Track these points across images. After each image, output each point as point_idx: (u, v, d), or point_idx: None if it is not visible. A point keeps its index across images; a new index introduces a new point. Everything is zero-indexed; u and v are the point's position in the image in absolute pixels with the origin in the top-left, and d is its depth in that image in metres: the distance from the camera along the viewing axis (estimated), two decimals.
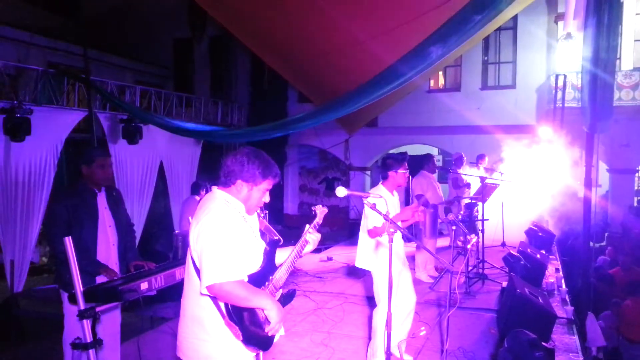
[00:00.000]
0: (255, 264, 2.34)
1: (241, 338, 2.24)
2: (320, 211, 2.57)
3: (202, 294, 2.23)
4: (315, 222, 2.54)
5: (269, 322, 2.31)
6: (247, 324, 2.25)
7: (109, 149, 9.66)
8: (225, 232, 2.21)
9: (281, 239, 2.53)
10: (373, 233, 3.92)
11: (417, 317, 5.29)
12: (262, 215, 2.62)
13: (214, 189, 2.39)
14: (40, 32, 12.89)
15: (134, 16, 16.23)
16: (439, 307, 5.70)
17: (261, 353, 2.47)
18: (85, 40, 10.25)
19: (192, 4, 14.06)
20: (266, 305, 2.26)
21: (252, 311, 2.28)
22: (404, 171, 4.14)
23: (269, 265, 2.40)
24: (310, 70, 8.85)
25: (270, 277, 2.40)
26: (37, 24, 13.28)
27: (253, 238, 2.38)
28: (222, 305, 2.23)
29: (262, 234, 2.50)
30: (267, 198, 2.41)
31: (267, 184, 2.36)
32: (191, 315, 2.32)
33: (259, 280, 2.33)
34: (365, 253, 4.18)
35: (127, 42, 16.09)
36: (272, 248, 2.44)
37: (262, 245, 2.41)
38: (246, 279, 2.28)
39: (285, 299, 2.49)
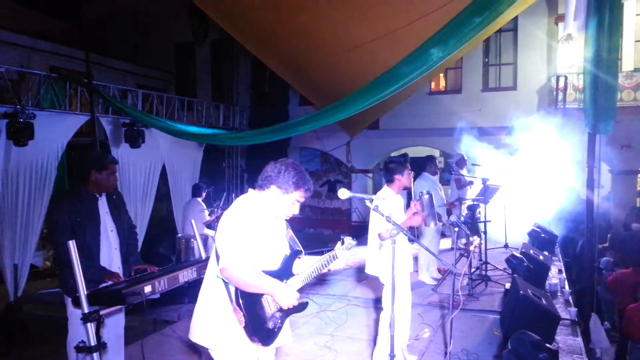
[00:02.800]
0: (272, 264, 2.46)
1: (243, 324, 2.35)
2: (348, 242, 2.50)
3: (218, 277, 2.39)
4: (347, 243, 2.50)
5: (275, 318, 2.44)
6: (252, 312, 2.37)
7: (112, 153, 9.69)
8: (246, 224, 2.37)
9: (303, 251, 2.62)
10: (386, 235, 3.95)
11: (420, 319, 5.30)
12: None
13: (250, 190, 2.57)
14: (42, 37, 12.95)
15: (136, 21, 16.29)
16: (442, 309, 5.70)
17: (262, 349, 2.50)
18: (88, 45, 10.27)
19: (193, 9, 14.11)
20: (274, 290, 2.38)
21: (260, 303, 2.40)
22: (408, 172, 4.27)
23: (285, 270, 2.50)
24: (311, 73, 8.86)
25: (285, 281, 2.48)
26: (39, 29, 13.35)
27: (275, 239, 2.51)
28: (232, 290, 2.37)
29: (286, 243, 2.61)
30: (296, 210, 2.52)
31: (298, 195, 2.49)
32: (204, 299, 2.48)
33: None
34: (374, 259, 4.21)
35: (129, 47, 16.15)
36: (291, 255, 2.54)
37: (283, 249, 2.52)
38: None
39: (296, 308, 2.50)
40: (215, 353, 2.48)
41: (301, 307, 2.52)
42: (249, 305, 2.36)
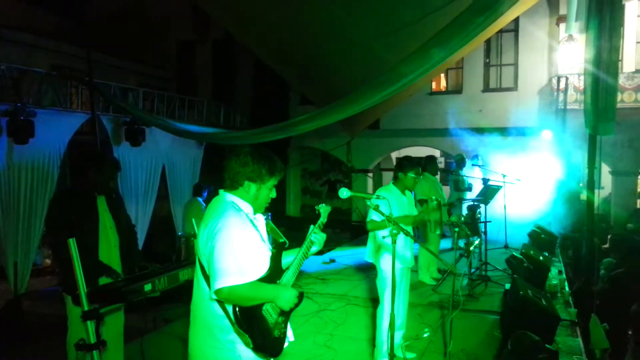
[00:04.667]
0: (262, 269, 2.30)
1: (252, 346, 2.20)
2: (324, 210, 2.51)
3: (212, 299, 2.20)
4: (319, 222, 2.48)
5: (279, 324, 2.32)
6: (256, 331, 2.22)
7: (113, 151, 9.69)
8: (234, 235, 2.17)
9: (287, 242, 2.49)
10: (370, 226, 4.04)
11: (420, 319, 5.30)
12: (267, 215, 2.56)
13: (221, 192, 2.36)
14: (44, 34, 12.94)
15: (138, 19, 16.28)
16: (441, 309, 5.70)
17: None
18: (89, 43, 10.30)
19: (195, 8, 14.12)
20: (275, 297, 2.26)
21: (261, 317, 2.25)
22: (414, 176, 4.24)
23: (276, 270, 2.36)
24: (312, 72, 8.87)
25: (278, 282, 2.36)
26: (41, 27, 13.34)
27: (261, 242, 2.34)
28: (231, 312, 2.19)
29: (268, 237, 2.47)
30: (274, 194, 2.40)
31: (274, 180, 2.36)
32: (201, 322, 2.30)
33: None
34: (373, 247, 4.29)
35: (130, 45, 16.14)
36: (278, 251, 2.39)
37: (269, 250, 2.37)
38: None
39: (296, 305, 2.41)
40: None
41: (299, 301, 2.40)
42: (252, 324, 2.21)
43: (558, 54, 12.63)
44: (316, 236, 2.44)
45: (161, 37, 16.72)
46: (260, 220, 2.44)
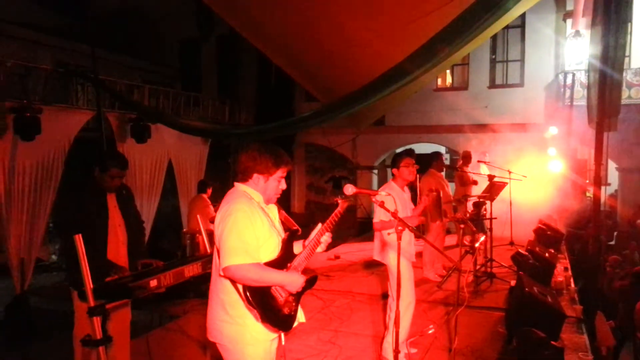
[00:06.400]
0: (273, 252, 2.47)
1: (260, 320, 2.36)
2: (342, 202, 2.64)
3: (220, 275, 2.39)
4: (336, 210, 2.60)
5: (289, 303, 2.46)
6: (265, 306, 2.37)
7: (118, 148, 9.72)
8: (242, 218, 2.36)
9: (299, 229, 2.63)
10: (378, 226, 3.99)
11: (425, 316, 5.30)
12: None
13: (235, 184, 2.57)
14: (49, 31, 12.99)
15: (143, 16, 16.30)
16: (446, 305, 5.69)
17: (282, 334, 2.58)
18: (94, 40, 10.31)
19: (200, 4, 14.10)
20: (280, 281, 2.41)
21: (269, 295, 2.40)
22: (407, 166, 4.10)
23: (287, 253, 2.52)
24: (317, 69, 8.84)
25: (289, 264, 2.51)
26: (46, 24, 13.39)
27: (271, 227, 2.51)
28: (241, 289, 2.36)
29: (281, 225, 2.63)
30: (283, 185, 2.57)
31: (281, 172, 2.53)
32: (216, 298, 2.49)
33: (277, 267, 2.47)
34: (380, 246, 4.25)
35: (135, 42, 16.17)
36: (290, 237, 2.56)
37: (280, 235, 2.54)
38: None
39: (307, 284, 2.55)
40: (236, 350, 2.44)
41: (310, 284, 2.53)
42: (260, 300, 2.36)
43: (565, 50, 12.55)
44: (324, 237, 2.59)
45: (166, 34, 16.73)
46: (272, 209, 2.62)
